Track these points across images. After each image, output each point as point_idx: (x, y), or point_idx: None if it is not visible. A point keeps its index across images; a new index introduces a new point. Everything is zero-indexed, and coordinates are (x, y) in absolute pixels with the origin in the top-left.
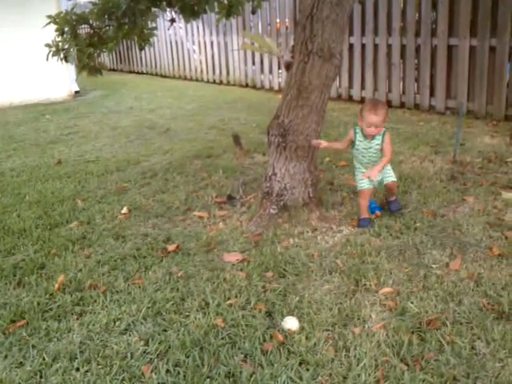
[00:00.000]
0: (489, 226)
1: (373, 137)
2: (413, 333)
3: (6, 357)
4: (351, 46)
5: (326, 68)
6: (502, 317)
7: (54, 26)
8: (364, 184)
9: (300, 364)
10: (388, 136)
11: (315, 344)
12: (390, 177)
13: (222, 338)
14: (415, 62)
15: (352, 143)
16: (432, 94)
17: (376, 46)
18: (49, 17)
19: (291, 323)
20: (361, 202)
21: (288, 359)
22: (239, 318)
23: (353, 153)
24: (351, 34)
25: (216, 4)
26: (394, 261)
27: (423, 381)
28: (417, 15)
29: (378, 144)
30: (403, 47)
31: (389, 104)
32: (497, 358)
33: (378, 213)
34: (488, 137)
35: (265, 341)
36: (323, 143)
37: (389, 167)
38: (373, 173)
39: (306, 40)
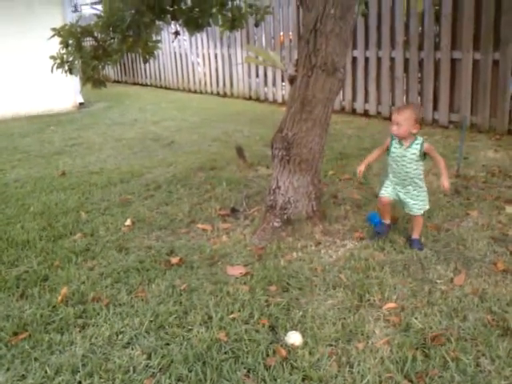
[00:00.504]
0: (493, 241)
1: (409, 145)
2: (417, 349)
3: (8, 369)
4: (354, 60)
5: (329, 82)
6: (507, 333)
7: (58, 38)
8: (384, 192)
9: (303, 379)
10: (430, 145)
11: (318, 359)
12: (414, 208)
13: (225, 353)
14: (418, 76)
15: (388, 151)
16: (435, 107)
17: (379, 60)
18: (53, 29)
19: (294, 338)
20: (379, 207)
21: (291, 374)
22: (242, 333)
23: (387, 160)
24: (354, 47)
25: (220, 17)
26: (398, 276)
27: None
28: (420, 29)
29: (413, 153)
30: (406, 61)
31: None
32: (502, 376)
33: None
34: (491, 151)
35: (268, 355)
36: (363, 167)
37: (420, 196)
38: (446, 185)
39: (310, 54)
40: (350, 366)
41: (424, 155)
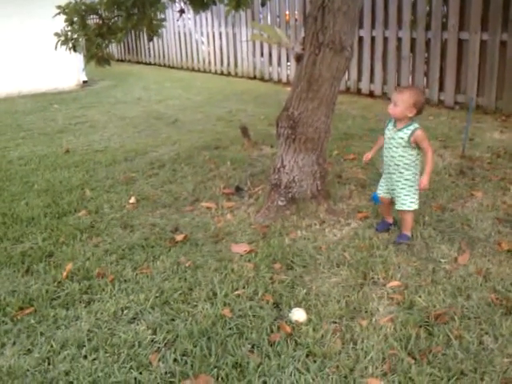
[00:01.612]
0: (498, 222)
1: (400, 128)
2: (420, 327)
3: (14, 343)
4: (361, 39)
5: (336, 60)
6: (511, 312)
7: (62, 16)
8: (379, 190)
9: (307, 356)
10: (422, 133)
11: (322, 336)
12: (403, 204)
13: (230, 329)
14: (425, 56)
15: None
16: (441, 88)
17: (386, 39)
18: (58, 7)
19: (299, 315)
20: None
21: (295, 350)
22: (247, 309)
23: None
24: (361, 26)
25: None
26: (403, 255)
27: (430, 375)
28: (427, 8)
29: (401, 138)
30: (413, 41)
31: None
32: (505, 354)
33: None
34: (497, 132)
35: (272, 332)
36: (370, 155)
37: (404, 190)
38: (423, 183)
39: (317, 32)
40: (354, 343)
41: (417, 145)
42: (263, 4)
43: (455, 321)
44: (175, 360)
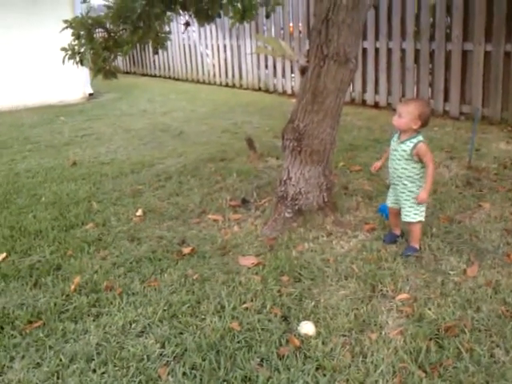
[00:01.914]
0: (506, 233)
1: (404, 140)
2: (431, 339)
3: (23, 357)
4: (365, 51)
5: (341, 72)
6: None
7: (69, 29)
8: (388, 201)
9: (317, 369)
10: (424, 147)
11: (332, 349)
12: (406, 216)
13: (238, 342)
14: (429, 67)
15: None
16: (446, 99)
17: (390, 51)
18: (65, 21)
19: (307, 328)
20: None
21: (305, 364)
22: (255, 322)
23: None
24: (365, 38)
25: (230, 8)
26: (411, 267)
27: None
28: (431, 20)
29: (404, 150)
30: (417, 52)
31: None
32: None
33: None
34: (503, 143)
35: (281, 345)
36: (379, 164)
37: (409, 202)
38: (420, 197)
39: (322, 44)
40: (364, 356)
41: (420, 159)
42: (267, 16)
43: (465, 333)
44: (184, 374)
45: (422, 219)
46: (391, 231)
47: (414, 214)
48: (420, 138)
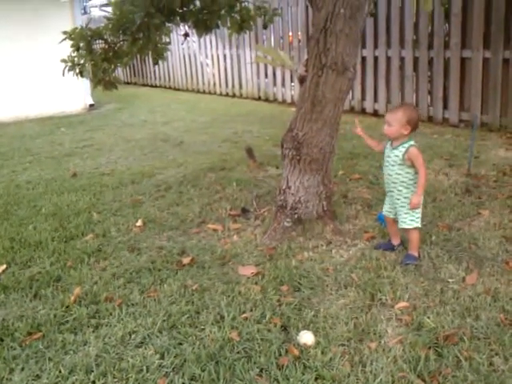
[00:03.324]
0: (505, 240)
1: (396, 146)
2: (430, 348)
3: (22, 369)
4: (364, 59)
5: (339, 81)
6: None
7: (69, 41)
8: (383, 209)
9: (316, 379)
10: (416, 151)
11: (331, 359)
12: (402, 223)
13: (238, 352)
14: (428, 75)
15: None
16: (445, 106)
17: (389, 59)
18: (64, 32)
19: (307, 337)
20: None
21: (304, 374)
22: (254, 332)
23: None
24: (364, 46)
25: (228, 19)
26: (410, 275)
27: None
28: (429, 28)
29: (397, 156)
30: (416, 60)
31: None
32: None
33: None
34: (502, 150)
35: (280, 355)
36: (360, 131)
37: (405, 208)
38: (412, 202)
39: (320, 53)
40: (363, 366)
41: (412, 164)
42: (265, 27)
43: (465, 342)
44: None
45: (419, 225)
46: (389, 240)
47: (410, 221)
48: (411, 142)
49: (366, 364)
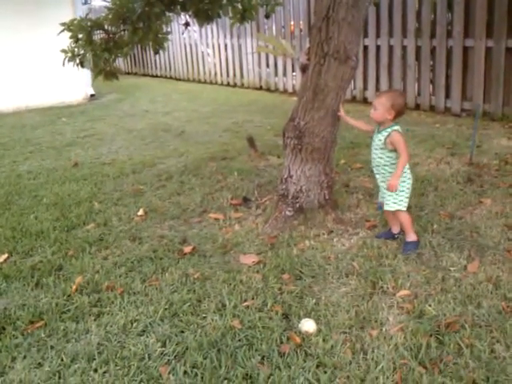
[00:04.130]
0: (507, 229)
1: (380, 130)
2: (431, 336)
3: (24, 357)
4: (366, 48)
5: (341, 70)
6: None
7: (68, 32)
8: (379, 197)
9: (317, 366)
10: (397, 136)
11: (332, 346)
12: (386, 205)
13: (239, 340)
14: (430, 64)
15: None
16: (447, 95)
17: (391, 48)
18: (63, 24)
19: (308, 325)
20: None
21: (305, 361)
22: (256, 320)
23: None
24: (366, 35)
25: (230, 8)
26: (412, 263)
27: None
28: (432, 16)
29: (380, 140)
30: (418, 49)
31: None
32: None
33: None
34: (505, 139)
35: (282, 343)
36: (342, 113)
37: (391, 192)
38: (389, 183)
39: (322, 42)
40: (364, 353)
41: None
42: (267, 17)
43: (466, 329)
44: (185, 372)
45: (402, 208)
46: (390, 229)
47: (392, 203)
48: (395, 127)
49: (367, 351)
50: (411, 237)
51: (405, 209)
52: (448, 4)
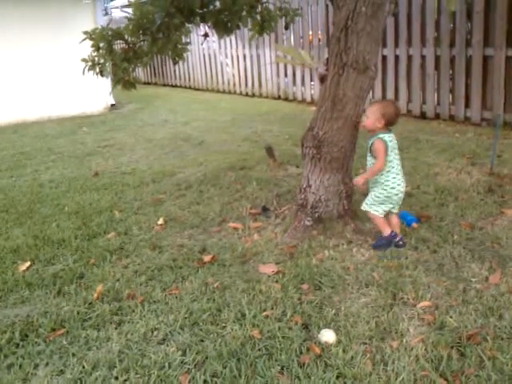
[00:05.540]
0: None
1: (370, 138)
2: (452, 347)
3: (47, 364)
4: (384, 58)
5: (360, 80)
6: None
7: (90, 41)
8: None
9: (337, 377)
10: (378, 144)
11: (352, 357)
12: (364, 203)
13: (259, 350)
14: (450, 73)
15: None
16: (467, 105)
17: (410, 57)
18: (85, 33)
19: (328, 336)
20: None
21: (325, 372)
22: (275, 330)
23: None
24: (384, 45)
25: (249, 20)
26: (432, 274)
27: None
28: (451, 25)
29: (368, 146)
30: (437, 58)
31: (423, 115)
32: None
33: (414, 225)
34: None
35: (301, 353)
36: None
37: (372, 193)
38: (355, 180)
39: (341, 52)
40: (385, 364)
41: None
42: (287, 28)
43: (488, 341)
44: (205, 381)
45: (371, 211)
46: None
47: (365, 203)
48: (380, 135)
49: (387, 363)
50: (381, 233)
51: (376, 212)
52: (467, 13)
